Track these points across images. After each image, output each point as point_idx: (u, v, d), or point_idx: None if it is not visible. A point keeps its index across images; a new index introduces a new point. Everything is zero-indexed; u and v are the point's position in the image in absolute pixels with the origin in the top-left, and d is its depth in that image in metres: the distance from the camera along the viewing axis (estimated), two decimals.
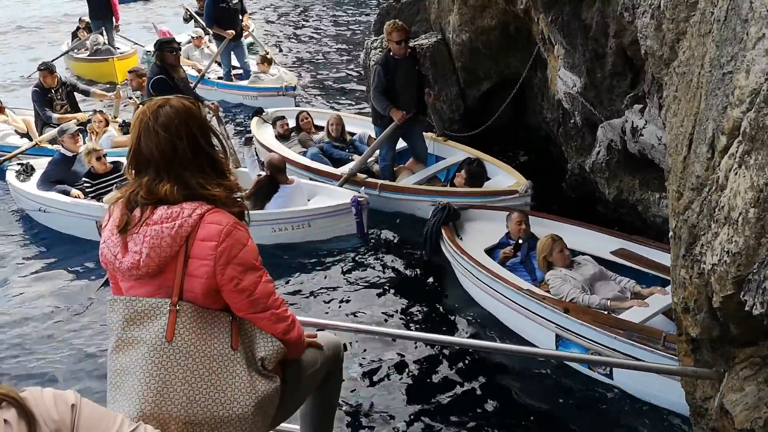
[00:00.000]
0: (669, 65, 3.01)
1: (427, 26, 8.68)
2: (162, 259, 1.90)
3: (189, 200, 1.93)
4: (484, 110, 7.63)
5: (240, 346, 1.95)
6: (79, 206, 6.29)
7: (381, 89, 6.29)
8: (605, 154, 5.49)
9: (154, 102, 1.97)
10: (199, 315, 1.92)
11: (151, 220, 1.91)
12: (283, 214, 5.85)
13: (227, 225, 1.91)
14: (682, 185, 2.36)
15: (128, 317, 1.90)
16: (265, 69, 9.83)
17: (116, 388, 1.90)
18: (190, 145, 1.93)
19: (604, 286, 4.57)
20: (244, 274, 1.92)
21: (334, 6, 16.84)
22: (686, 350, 2.44)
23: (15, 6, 19.30)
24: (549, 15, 5.64)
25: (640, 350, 3.85)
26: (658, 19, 3.20)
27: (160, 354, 1.86)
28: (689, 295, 2.23)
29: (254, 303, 1.95)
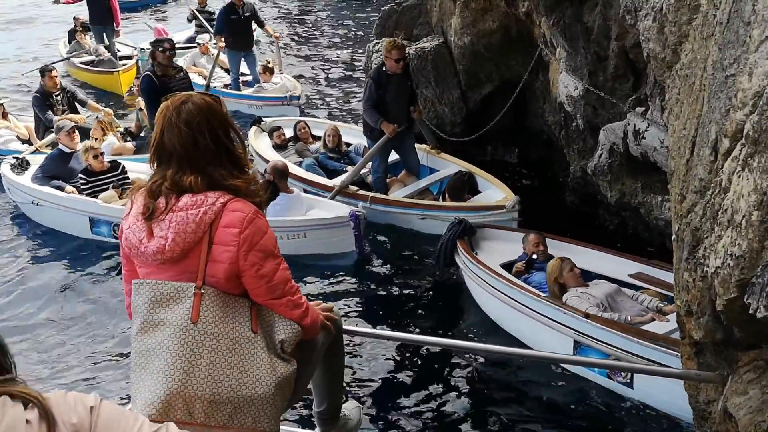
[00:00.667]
0: (671, 68, 3.01)
1: (428, 29, 8.69)
2: (187, 244, 1.97)
3: (212, 190, 2.00)
4: (485, 113, 7.63)
5: (260, 330, 2.02)
6: (72, 201, 6.32)
7: (372, 103, 6.40)
8: (607, 156, 5.49)
9: (177, 98, 2.06)
10: (221, 299, 1.99)
11: (177, 207, 1.98)
12: (279, 223, 5.80)
13: (249, 213, 1.99)
14: (685, 188, 2.36)
15: (154, 299, 1.97)
16: (267, 78, 9.78)
17: (141, 368, 1.96)
18: (212, 140, 2.01)
19: (625, 303, 4.49)
20: (265, 260, 1.99)
21: (336, 10, 16.90)
22: (689, 353, 2.43)
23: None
24: (551, 18, 5.65)
25: (663, 354, 3.76)
26: (660, 21, 3.20)
27: (186, 335, 1.93)
28: (692, 298, 2.22)
29: (272, 289, 2.01)
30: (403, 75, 6.48)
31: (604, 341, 4.06)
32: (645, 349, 3.88)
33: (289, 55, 12.95)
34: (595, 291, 4.55)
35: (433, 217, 6.01)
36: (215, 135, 2.02)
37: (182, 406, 1.90)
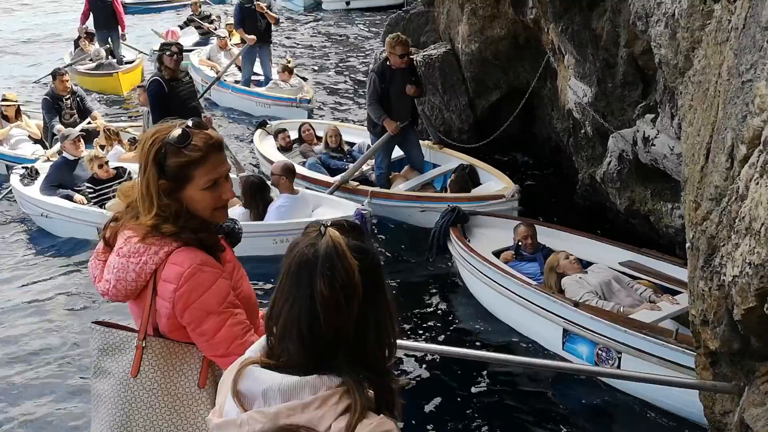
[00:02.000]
0: (684, 74, 2.98)
1: (435, 36, 8.70)
2: (129, 291, 1.92)
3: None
4: (493, 120, 7.61)
5: (208, 384, 1.94)
6: (81, 212, 6.27)
7: (376, 98, 6.36)
8: (616, 164, 5.45)
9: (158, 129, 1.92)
10: (168, 350, 1.92)
11: (122, 252, 1.90)
12: (285, 226, 5.71)
13: (189, 267, 1.84)
14: (700, 195, 2.32)
15: (102, 348, 1.96)
16: (285, 78, 9.69)
17: (95, 410, 1.98)
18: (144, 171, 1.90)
19: (621, 293, 4.50)
20: (204, 319, 1.86)
21: (345, 16, 16.96)
22: (705, 364, 2.39)
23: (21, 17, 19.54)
24: (559, 25, 5.63)
25: (651, 344, 3.80)
26: (672, 27, 3.17)
27: (125, 389, 1.91)
28: (708, 307, 2.18)
29: (214, 347, 1.89)
30: (407, 70, 6.45)
31: (592, 330, 4.08)
32: (632, 338, 3.89)
33: (299, 58, 13.00)
34: (592, 277, 4.54)
35: (433, 209, 5.95)
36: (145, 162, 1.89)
37: None
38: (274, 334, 1.31)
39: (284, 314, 1.29)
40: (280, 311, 1.29)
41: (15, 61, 13.76)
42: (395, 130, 6.30)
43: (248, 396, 1.28)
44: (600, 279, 4.54)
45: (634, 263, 4.86)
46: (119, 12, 11.37)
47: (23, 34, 16.40)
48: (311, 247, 1.30)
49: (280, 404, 1.23)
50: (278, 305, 1.30)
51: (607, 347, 4.05)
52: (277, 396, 1.24)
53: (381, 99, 6.35)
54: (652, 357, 3.80)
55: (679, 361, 3.68)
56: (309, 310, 1.26)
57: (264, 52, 9.85)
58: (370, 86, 6.47)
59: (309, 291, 1.26)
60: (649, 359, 3.82)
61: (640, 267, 4.82)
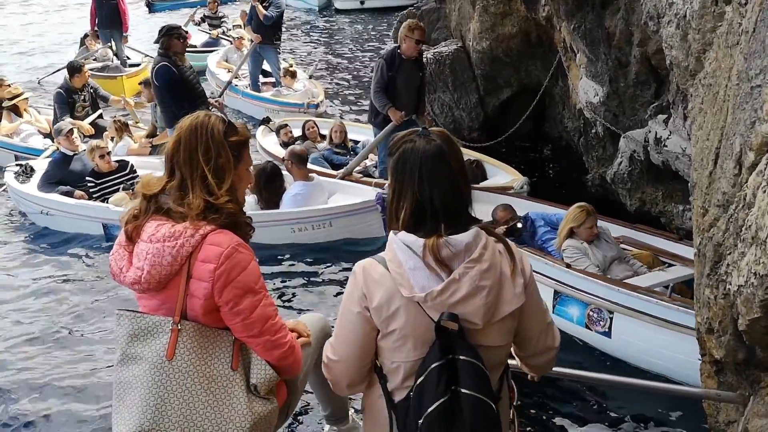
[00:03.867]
0: (694, 76, 2.94)
1: (447, 33, 8.65)
2: (163, 276, 1.93)
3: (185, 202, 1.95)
4: (503, 119, 7.56)
5: (240, 366, 1.97)
6: (83, 208, 6.08)
7: (382, 85, 6.07)
8: (627, 164, 5.39)
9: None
10: (201, 334, 1.94)
11: (155, 238, 1.94)
12: (303, 213, 5.54)
13: (228, 247, 1.92)
14: (708, 201, 2.29)
15: (133, 333, 1.94)
16: (288, 83, 9.52)
17: (120, 400, 1.95)
18: (189, 157, 1.98)
19: (617, 267, 4.40)
20: (242, 297, 1.92)
21: (359, 15, 16.92)
22: (710, 372, 2.36)
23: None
24: (571, 23, 5.57)
25: (644, 302, 3.72)
26: (683, 29, 3.12)
27: (160, 372, 1.90)
28: (713, 315, 2.15)
29: (249, 326, 1.95)
30: (416, 64, 6.25)
31: (584, 290, 4.02)
32: (624, 296, 3.82)
33: (311, 57, 12.97)
34: (598, 251, 4.40)
35: None
36: (195, 152, 1.98)
37: None
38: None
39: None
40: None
41: (18, 60, 13.68)
42: (399, 120, 6.04)
43: (448, 257, 1.70)
44: (605, 252, 4.40)
45: (628, 238, 4.80)
46: (123, 11, 11.17)
47: (29, 30, 16.50)
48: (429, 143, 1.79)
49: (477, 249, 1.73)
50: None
51: (599, 308, 3.96)
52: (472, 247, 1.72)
53: (387, 87, 6.07)
54: (645, 316, 3.70)
55: (673, 318, 3.58)
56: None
57: (269, 54, 9.63)
58: (376, 73, 6.17)
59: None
60: (642, 318, 3.72)
61: (634, 242, 4.75)
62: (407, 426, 1.71)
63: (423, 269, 1.69)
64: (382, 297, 1.71)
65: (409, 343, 1.71)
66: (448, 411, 1.62)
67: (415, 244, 1.70)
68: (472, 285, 1.68)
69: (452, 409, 1.62)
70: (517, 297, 1.74)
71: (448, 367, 1.65)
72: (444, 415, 1.62)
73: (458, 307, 1.68)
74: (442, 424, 1.62)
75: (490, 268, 1.71)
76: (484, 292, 1.69)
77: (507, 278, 1.74)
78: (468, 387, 1.63)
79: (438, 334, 1.68)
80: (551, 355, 1.89)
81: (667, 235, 4.70)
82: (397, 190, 1.78)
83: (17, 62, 13.42)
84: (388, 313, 1.71)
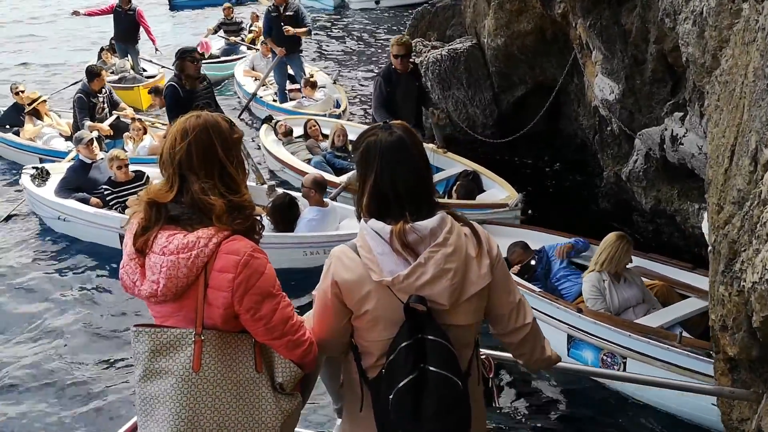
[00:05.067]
0: (711, 73, 2.93)
1: (462, 30, 8.63)
2: (179, 288, 1.91)
3: (192, 208, 1.92)
4: (517, 116, 7.54)
5: (264, 368, 1.98)
6: (101, 217, 6.21)
7: (381, 101, 6.41)
8: (643, 162, 5.36)
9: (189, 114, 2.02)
10: (223, 341, 1.94)
11: (168, 250, 1.91)
12: (316, 238, 5.76)
13: (244, 255, 1.90)
14: (723, 198, 2.28)
15: (154, 348, 1.93)
16: (308, 93, 9.49)
17: (147, 415, 1.94)
18: (205, 152, 1.95)
19: (635, 309, 4.32)
20: (262, 303, 1.92)
21: (374, 14, 16.91)
22: (723, 369, 2.35)
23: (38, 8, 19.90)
24: (587, 20, 5.54)
25: (655, 348, 3.78)
26: (700, 26, 3.10)
27: (188, 384, 1.90)
28: (728, 312, 2.15)
29: (271, 330, 1.94)
30: (412, 76, 6.54)
31: (597, 335, 4.07)
32: (636, 342, 3.89)
33: (327, 59, 12.95)
34: (620, 292, 4.31)
35: None
36: (211, 149, 1.95)
37: None
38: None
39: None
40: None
41: (34, 71, 13.76)
42: None
43: (414, 242, 1.79)
44: (627, 296, 4.31)
45: (641, 268, 4.73)
46: (146, 26, 11.11)
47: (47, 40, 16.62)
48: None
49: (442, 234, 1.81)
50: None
51: (612, 352, 4.03)
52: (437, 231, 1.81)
53: (386, 102, 6.39)
54: (657, 361, 3.79)
55: (683, 364, 3.67)
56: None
57: (295, 62, 9.60)
58: (375, 90, 6.53)
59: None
60: (654, 363, 3.81)
61: (648, 272, 4.71)
62: (379, 400, 1.82)
63: (391, 254, 1.80)
64: (353, 281, 1.83)
65: (381, 324, 1.83)
66: (416, 386, 1.74)
67: (383, 230, 1.81)
68: (438, 268, 1.78)
69: (420, 385, 1.74)
70: (482, 277, 1.84)
71: (417, 346, 1.76)
72: (412, 390, 1.74)
73: (425, 289, 1.78)
74: (411, 399, 1.73)
75: (455, 252, 1.80)
76: (449, 275, 1.79)
77: (472, 259, 1.83)
78: (435, 365, 1.74)
79: (407, 315, 1.79)
80: (526, 333, 1.95)
81: (681, 265, 4.68)
82: (361, 180, 1.90)
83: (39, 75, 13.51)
84: (360, 295, 1.83)
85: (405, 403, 1.74)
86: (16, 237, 6.75)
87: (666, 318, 4.14)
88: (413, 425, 1.74)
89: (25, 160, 8.18)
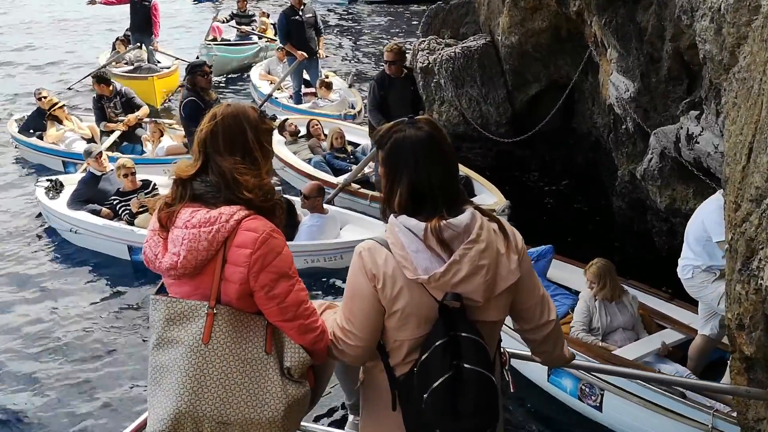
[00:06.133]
0: (729, 70, 2.90)
1: (476, 28, 8.60)
2: (199, 261, 1.95)
3: (217, 187, 1.99)
4: (531, 114, 7.51)
5: (274, 350, 1.99)
6: (110, 229, 6.36)
7: (375, 104, 6.67)
8: (658, 161, 5.32)
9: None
10: (235, 318, 1.97)
11: (190, 224, 1.97)
12: (316, 246, 5.82)
13: (263, 233, 1.95)
14: (740, 196, 2.26)
15: (168, 317, 1.97)
16: (324, 94, 9.51)
17: (156, 384, 1.97)
18: (236, 136, 2.03)
19: (620, 334, 4.33)
20: (277, 281, 1.95)
21: (387, 9, 16.89)
22: (739, 369, 2.34)
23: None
24: (603, 17, 5.51)
25: (633, 384, 3.78)
26: (718, 22, 3.07)
27: (196, 355, 1.92)
28: (744, 311, 2.13)
29: (284, 311, 1.97)
30: (406, 81, 6.74)
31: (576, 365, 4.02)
32: (613, 377, 3.86)
33: (336, 57, 12.95)
34: (607, 315, 4.32)
35: None
36: (240, 132, 2.03)
37: (191, 425, 1.91)
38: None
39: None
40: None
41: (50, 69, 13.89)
42: None
43: (449, 239, 1.78)
44: (615, 320, 4.32)
45: (644, 306, 4.68)
46: (155, 19, 11.20)
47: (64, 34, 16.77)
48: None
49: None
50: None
51: (590, 383, 4.03)
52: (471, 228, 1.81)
53: (380, 106, 6.61)
54: (633, 396, 3.79)
55: (661, 402, 3.66)
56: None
57: (312, 63, 9.61)
58: (370, 94, 6.80)
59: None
60: (630, 398, 3.81)
61: (649, 309, 4.67)
62: (411, 400, 1.80)
63: (425, 251, 1.79)
64: (386, 278, 1.81)
65: (413, 322, 1.81)
66: (452, 385, 1.73)
67: (417, 227, 1.79)
68: (473, 265, 1.78)
69: (456, 384, 1.73)
70: (512, 273, 1.84)
71: (451, 343, 1.75)
72: (449, 389, 1.72)
73: (460, 286, 1.78)
74: (447, 398, 1.72)
75: (487, 248, 1.81)
76: (483, 271, 1.79)
77: (502, 255, 1.84)
78: (471, 362, 1.74)
79: (441, 313, 1.77)
80: (550, 329, 1.95)
81: (659, 294, 4.72)
82: (391, 177, 1.87)
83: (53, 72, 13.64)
84: (393, 293, 1.80)
85: (441, 401, 1.73)
86: (32, 248, 6.88)
87: (644, 350, 4.14)
88: (452, 424, 1.73)
89: (49, 163, 8.55)
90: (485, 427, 1.76)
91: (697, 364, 4.01)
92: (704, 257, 3.70)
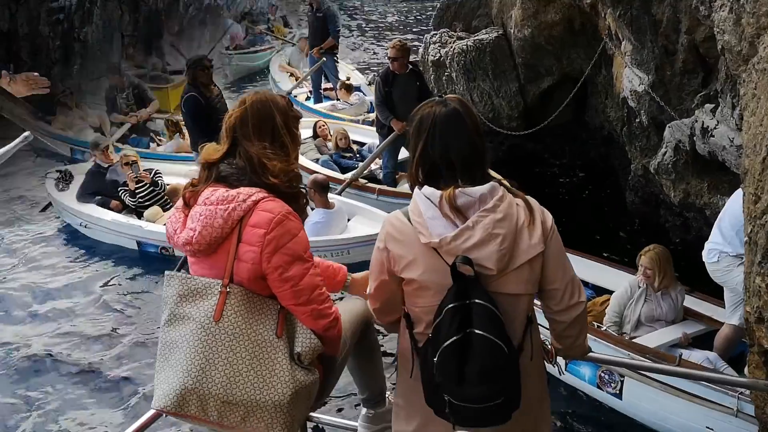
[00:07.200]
0: (748, 62, 2.86)
1: (488, 21, 8.55)
2: (213, 238, 1.96)
3: (243, 170, 2.02)
4: (544, 108, 7.46)
5: (284, 334, 1.99)
6: (119, 225, 6.42)
7: (381, 100, 6.83)
8: (672, 155, 5.28)
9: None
10: (248, 299, 1.97)
11: (209, 201, 1.99)
12: (322, 242, 5.82)
13: (279, 214, 1.96)
14: (760, 188, 2.23)
15: (182, 293, 1.98)
16: (343, 96, 9.51)
17: (164, 359, 1.98)
18: (263, 121, 2.06)
19: (653, 324, 4.27)
20: (291, 264, 1.95)
21: (401, 2, 16.84)
22: (758, 362, 2.31)
23: None
24: (617, 10, 5.46)
25: (651, 365, 3.67)
26: (737, 12, 3.03)
27: (206, 332, 1.92)
28: (764, 304, 2.11)
29: (297, 294, 1.97)
30: (411, 76, 6.81)
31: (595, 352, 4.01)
32: (633, 361, 3.79)
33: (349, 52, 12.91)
34: (648, 305, 4.25)
35: None
36: (268, 118, 2.06)
37: (196, 402, 1.91)
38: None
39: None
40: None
41: None
42: (401, 129, 6.60)
43: (463, 206, 1.82)
44: (650, 311, 4.27)
45: None
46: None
47: None
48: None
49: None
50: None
51: (609, 370, 3.99)
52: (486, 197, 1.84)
53: (385, 102, 6.74)
54: (655, 382, 3.74)
55: (684, 387, 3.61)
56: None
57: (328, 63, 9.71)
58: (375, 91, 6.95)
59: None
60: (652, 384, 3.76)
61: None
62: (426, 364, 1.85)
63: (441, 218, 1.84)
64: (403, 244, 1.88)
65: (430, 290, 1.86)
66: (461, 349, 1.75)
67: (434, 195, 1.86)
68: (486, 232, 1.81)
69: (465, 348, 1.75)
70: (533, 247, 1.84)
71: (463, 309, 1.77)
72: (457, 352, 1.75)
73: (472, 252, 1.80)
74: (456, 361, 1.75)
75: (504, 218, 1.82)
76: (497, 239, 1.81)
77: (524, 228, 1.84)
78: (480, 328, 1.75)
79: (454, 279, 1.80)
80: (579, 313, 1.95)
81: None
82: (414, 150, 1.95)
83: None
84: (409, 259, 1.87)
85: (449, 365, 1.75)
86: (45, 240, 6.95)
87: (666, 338, 4.10)
88: (457, 389, 1.76)
89: (59, 147, 8.66)
90: (491, 397, 1.75)
91: (722, 354, 3.95)
92: (735, 244, 3.61)
